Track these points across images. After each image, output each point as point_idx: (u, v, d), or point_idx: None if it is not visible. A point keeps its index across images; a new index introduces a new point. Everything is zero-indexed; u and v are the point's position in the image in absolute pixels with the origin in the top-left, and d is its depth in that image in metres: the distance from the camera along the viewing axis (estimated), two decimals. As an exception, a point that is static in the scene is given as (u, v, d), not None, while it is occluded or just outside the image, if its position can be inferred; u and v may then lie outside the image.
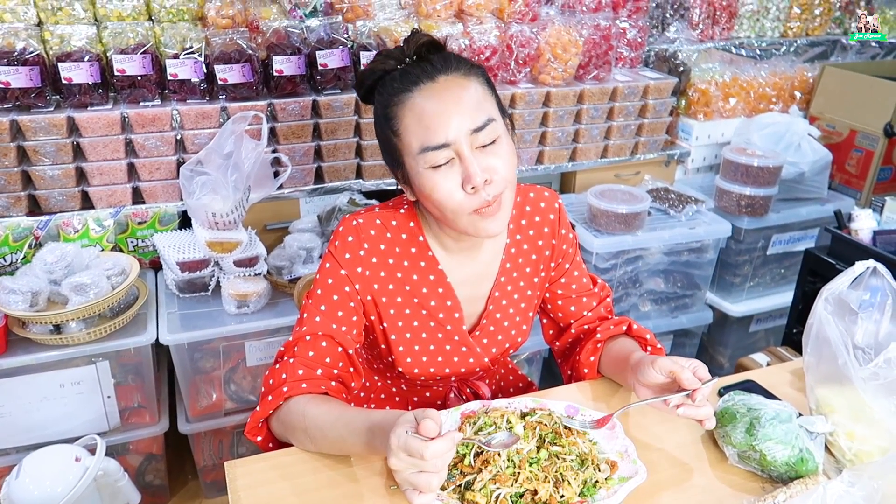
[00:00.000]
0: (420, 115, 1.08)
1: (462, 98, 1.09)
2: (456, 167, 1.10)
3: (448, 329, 1.29)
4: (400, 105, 1.10)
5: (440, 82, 1.10)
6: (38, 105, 1.95)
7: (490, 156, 1.10)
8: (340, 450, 1.11)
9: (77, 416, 1.92)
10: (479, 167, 1.08)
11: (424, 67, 1.11)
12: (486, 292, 1.32)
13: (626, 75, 2.67)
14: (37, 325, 1.82)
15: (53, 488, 1.59)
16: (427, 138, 1.08)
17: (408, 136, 1.10)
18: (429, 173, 1.10)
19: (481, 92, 1.12)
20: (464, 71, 1.12)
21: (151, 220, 2.15)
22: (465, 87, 1.10)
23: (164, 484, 2.19)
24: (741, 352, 2.76)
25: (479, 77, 1.14)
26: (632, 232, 2.41)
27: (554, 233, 1.34)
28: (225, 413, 2.11)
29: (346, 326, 1.21)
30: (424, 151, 1.09)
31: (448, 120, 1.07)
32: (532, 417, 1.15)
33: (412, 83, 1.10)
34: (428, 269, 1.26)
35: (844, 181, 2.95)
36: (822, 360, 1.14)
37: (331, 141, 2.24)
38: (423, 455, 0.89)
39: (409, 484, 0.94)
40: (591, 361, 1.34)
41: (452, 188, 1.10)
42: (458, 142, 1.08)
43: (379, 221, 1.24)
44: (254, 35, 2.16)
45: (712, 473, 1.13)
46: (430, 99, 1.09)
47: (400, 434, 0.92)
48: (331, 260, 1.22)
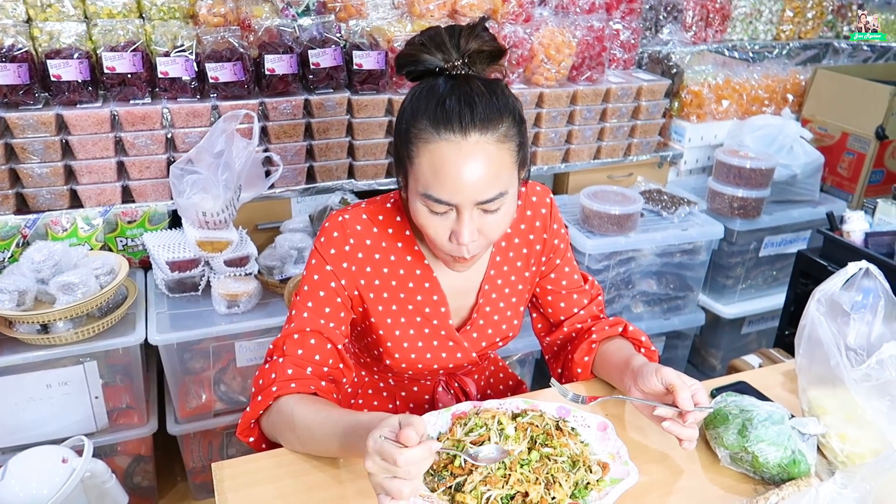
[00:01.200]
0: (437, 167, 1.04)
1: (483, 168, 1.03)
2: (451, 217, 1.08)
3: (434, 324, 1.28)
4: (423, 141, 1.04)
5: (470, 142, 1.02)
6: (27, 102, 1.93)
7: (487, 219, 1.09)
8: (326, 451, 1.09)
9: (64, 416, 1.90)
10: (471, 229, 1.08)
11: (462, 112, 1.02)
12: (476, 286, 1.31)
13: (620, 77, 2.67)
14: (24, 325, 1.80)
15: (40, 490, 1.57)
16: (434, 189, 1.05)
17: (418, 171, 1.06)
18: (424, 210, 1.09)
19: (507, 161, 1.07)
20: (500, 134, 1.05)
21: (141, 219, 2.13)
22: (491, 156, 1.04)
23: (152, 485, 2.17)
24: (733, 353, 2.76)
25: (513, 140, 1.07)
26: (624, 233, 2.41)
27: (545, 227, 1.33)
28: (214, 414, 2.09)
29: (335, 322, 1.20)
30: (427, 197, 1.06)
31: (460, 186, 1.03)
32: (523, 418, 1.14)
33: (443, 126, 1.03)
34: (415, 263, 1.25)
35: (836, 183, 2.95)
36: (814, 362, 1.14)
37: (323, 140, 2.23)
38: (395, 461, 0.87)
39: (382, 489, 0.91)
40: (585, 362, 1.33)
41: (440, 233, 1.10)
42: (461, 204, 1.06)
43: (365, 216, 1.23)
44: (245, 33, 2.15)
45: (704, 475, 1.12)
46: (453, 157, 1.03)
47: (376, 437, 0.90)
48: (317, 256, 1.22)
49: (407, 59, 1.11)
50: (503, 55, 1.12)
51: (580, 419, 1.18)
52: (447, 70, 1.08)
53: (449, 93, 1.04)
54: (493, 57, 1.10)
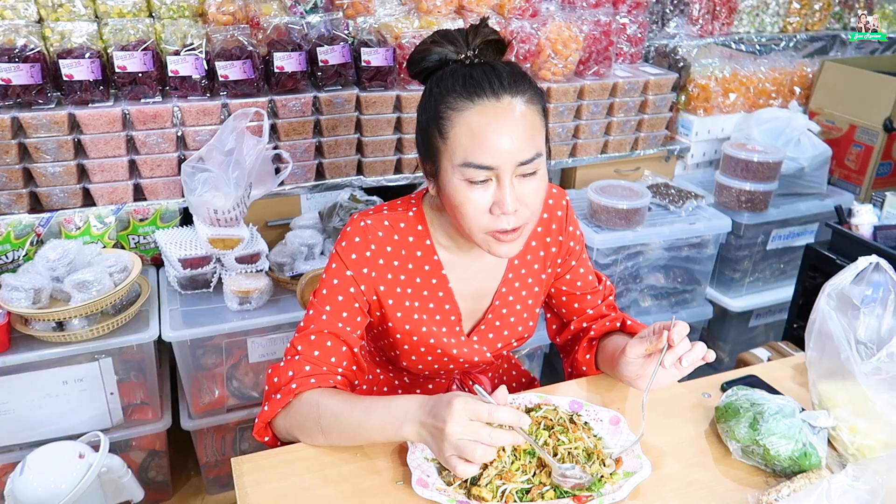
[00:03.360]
0: (475, 132, 1.05)
1: (520, 127, 1.06)
2: (491, 188, 1.09)
3: (444, 331, 1.30)
4: (456, 112, 1.06)
5: (504, 103, 1.06)
6: (39, 102, 1.94)
7: (526, 186, 1.10)
8: (355, 437, 1.11)
9: (80, 412, 1.92)
10: (514, 196, 1.08)
11: (491, 79, 1.06)
12: (494, 288, 1.32)
13: (627, 71, 2.67)
14: (39, 323, 1.82)
15: (57, 485, 1.60)
16: (474, 156, 1.06)
17: (455, 144, 1.07)
18: (463, 185, 1.09)
19: (538, 123, 1.10)
20: (529, 96, 1.08)
21: (153, 216, 2.15)
22: (525, 116, 1.07)
23: (166, 480, 2.20)
24: (741, 347, 2.77)
25: (539, 104, 1.11)
26: (632, 227, 2.42)
27: (561, 229, 1.34)
28: (227, 409, 2.11)
29: (351, 326, 1.21)
30: (467, 166, 1.07)
31: (501, 146, 1.05)
32: (537, 413, 1.16)
33: (475, 94, 1.06)
34: (431, 272, 1.26)
35: (844, 176, 2.95)
36: (824, 355, 1.15)
37: (332, 137, 2.24)
38: (490, 414, 0.93)
39: (458, 451, 0.95)
40: (588, 359, 1.36)
41: (481, 207, 1.09)
42: (502, 168, 1.06)
43: (387, 223, 1.23)
44: (254, 31, 2.16)
45: (716, 468, 1.14)
46: (490, 119, 1.05)
47: (467, 399, 0.95)
48: (337, 260, 1.22)
49: (420, 55, 1.14)
50: (507, 47, 1.16)
51: (593, 413, 1.19)
52: (460, 60, 1.12)
53: (472, 69, 1.09)
54: (500, 49, 1.14)
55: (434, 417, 0.98)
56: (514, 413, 0.95)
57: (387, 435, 1.06)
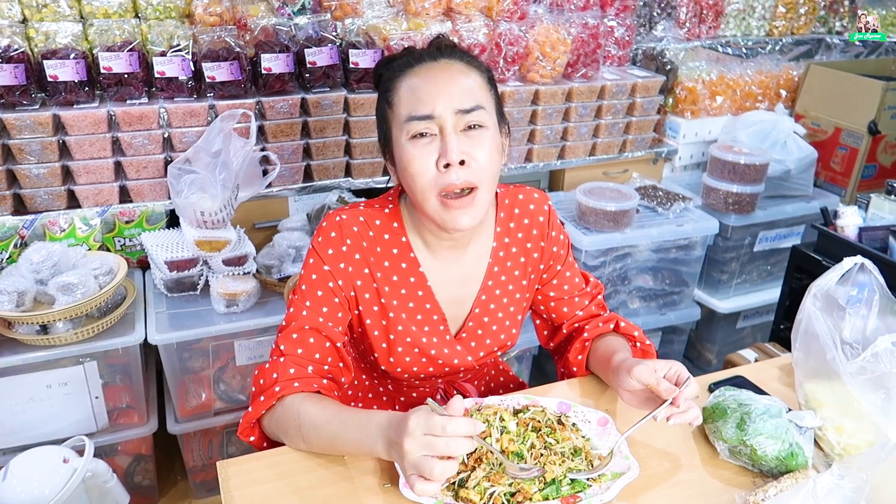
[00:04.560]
0: (413, 87, 1.13)
1: (457, 80, 1.13)
2: (436, 144, 1.12)
3: (426, 331, 1.28)
4: (399, 78, 1.16)
5: (441, 63, 1.15)
6: (23, 103, 1.92)
7: (472, 141, 1.12)
8: (332, 448, 1.10)
9: (64, 417, 1.90)
10: (457, 146, 1.11)
11: (431, 50, 1.18)
12: (473, 294, 1.31)
13: (614, 73, 2.68)
14: (23, 326, 1.80)
15: (41, 490, 1.57)
16: (414, 108, 1.12)
17: (399, 105, 1.15)
18: (409, 145, 1.13)
19: (479, 83, 1.17)
20: (467, 61, 1.18)
21: (139, 219, 2.13)
22: (463, 72, 1.15)
23: (153, 485, 2.18)
24: (729, 348, 2.78)
25: (482, 73, 1.19)
26: (620, 229, 2.42)
27: (543, 235, 1.34)
28: (214, 413, 2.10)
29: (333, 321, 1.21)
30: (409, 120, 1.12)
31: (437, 94, 1.11)
32: (525, 414, 1.15)
33: (416, 61, 1.16)
34: (409, 270, 1.26)
35: (830, 178, 2.98)
36: (810, 356, 1.15)
37: (320, 139, 2.23)
38: (444, 428, 0.91)
39: (416, 468, 0.93)
40: (580, 360, 1.35)
41: (428, 163, 1.12)
42: (442, 117, 1.11)
43: (362, 219, 1.24)
44: (242, 33, 2.15)
45: (703, 469, 1.14)
46: (427, 75, 1.14)
47: (420, 414, 0.94)
48: (314, 255, 1.22)
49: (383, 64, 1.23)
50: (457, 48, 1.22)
51: (581, 415, 1.19)
52: None
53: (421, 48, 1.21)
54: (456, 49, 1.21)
55: (396, 434, 0.96)
56: (468, 423, 0.93)
57: (363, 450, 1.07)
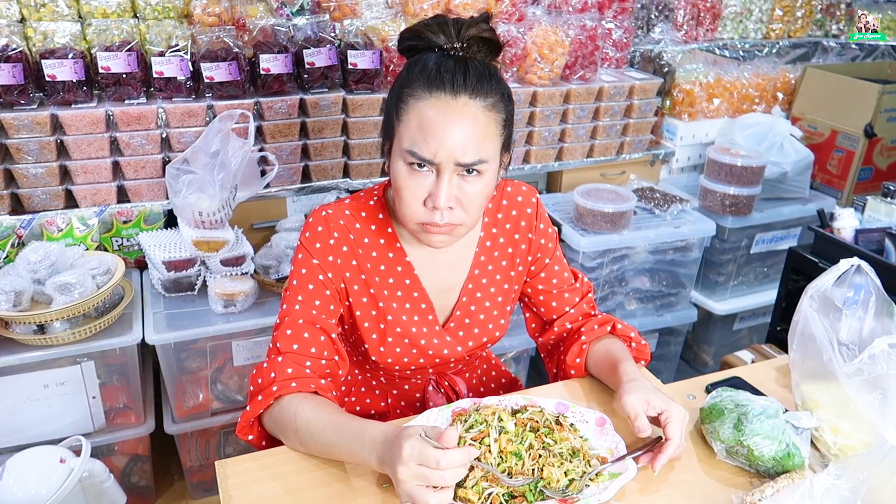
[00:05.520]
0: (423, 122, 1.08)
1: (469, 130, 1.07)
2: (430, 179, 1.10)
3: (416, 320, 1.29)
4: (413, 99, 1.09)
5: (459, 103, 1.07)
6: (21, 102, 1.92)
7: (466, 186, 1.11)
8: (328, 455, 1.11)
9: (61, 417, 1.89)
10: (449, 193, 1.09)
11: (456, 76, 1.07)
12: (460, 283, 1.32)
13: (612, 75, 2.69)
14: (20, 326, 1.79)
15: (38, 490, 1.57)
16: (417, 145, 1.08)
17: (404, 129, 1.10)
18: (405, 169, 1.11)
19: (492, 130, 1.11)
20: (489, 103, 1.09)
21: (137, 219, 2.13)
22: (478, 119, 1.08)
23: (149, 485, 2.17)
24: (725, 349, 2.79)
25: (500, 113, 1.12)
26: (618, 231, 2.43)
27: (531, 227, 1.35)
28: (212, 413, 2.10)
29: (326, 314, 1.22)
30: (410, 154, 1.09)
31: (444, 141, 1.07)
32: (523, 415, 1.16)
33: (435, 87, 1.07)
34: (395, 260, 1.27)
35: (826, 181, 2.99)
36: (807, 357, 1.16)
37: (318, 140, 2.23)
38: (438, 462, 0.90)
39: (411, 498, 0.93)
40: (578, 363, 1.35)
41: (417, 195, 1.11)
42: (442, 165, 1.08)
43: (348, 212, 1.25)
44: (240, 33, 2.15)
45: (700, 469, 1.14)
46: (440, 115, 1.07)
47: (414, 444, 0.92)
48: (302, 251, 1.23)
49: (411, 34, 1.15)
50: (500, 49, 1.15)
51: (579, 415, 1.20)
52: (446, 50, 1.12)
53: (445, 60, 1.10)
54: (491, 48, 1.14)
55: (390, 456, 0.96)
56: (462, 454, 0.92)
57: (356, 460, 1.06)
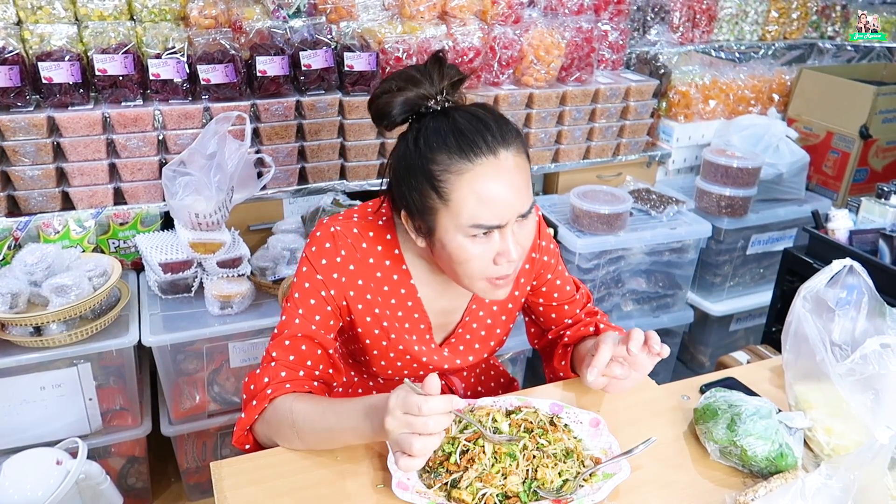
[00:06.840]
0: (480, 194, 1.04)
1: (519, 181, 1.07)
2: (494, 239, 1.08)
3: (415, 339, 1.30)
4: (456, 174, 1.04)
5: (501, 159, 1.05)
6: (18, 105, 1.92)
7: (524, 231, 1.12)
8: (329, 440, 1.11)
9: (58, 418, 1.90)
10: (516, 244, 1.09)
11: (484, 135, 1.05)
12: (464, 304, 1.33)
13: (608, 77, 2.69)
14: (16, 327, 1.80)
15: (34, 492, 1.57)
16: (482, 217, 1.05)
17: (459, 207, 1.05)
18: (467, 242, 1.08)
19: (527, 168, 1.10)
20: (516, 143, 1.08)
21: (133, 220, 2.13)
22: (521, 167, 1.08)
23: (146, 487, 2.17)
24: (721, 350, 2.79)
25: (524, 146, 1.11)
26: (614, 232, 2.43)
27: (535, 246, 1.35)
28: (208, 415, 2.10)
29: (325, 329, 1.22)
30: (475, 227, 1.06)
31: (509, 205, 1.06)
32: (517, 415, 1.16)
33: (473, 153, 1.04)
34: (400, 282, 1.26)
35: (821, 182, 3.00)
36: (800, 357, 1.16)
37: (315, 142, 2.24)
38: (420, 408, 0.93)
39: (398, 446, 0.96)
40: (563, 365, 1.38)
41: (485, 258, 1.09)
42: (508, 223, 1.08)
43: (356, 230, 1.23)
44: (237, 35, 2.15)
45: (694, 469, 1.15)
46: (493, 180, 1.04)
47: (399, 393, 0.96)
48: (307, 264, 1.22)
49: (385, 107, 1.10)
50: (466, 79, 1.15)
51: (573, 416, 1.20)
52: (430, 106, 1.09)
53: (455, 123, 1.06)
54: (461, 83, 1.14)
55: (381, 411, 1.00)
56: (444, 400, 0.95)
57: (359, 436, 1.08)
